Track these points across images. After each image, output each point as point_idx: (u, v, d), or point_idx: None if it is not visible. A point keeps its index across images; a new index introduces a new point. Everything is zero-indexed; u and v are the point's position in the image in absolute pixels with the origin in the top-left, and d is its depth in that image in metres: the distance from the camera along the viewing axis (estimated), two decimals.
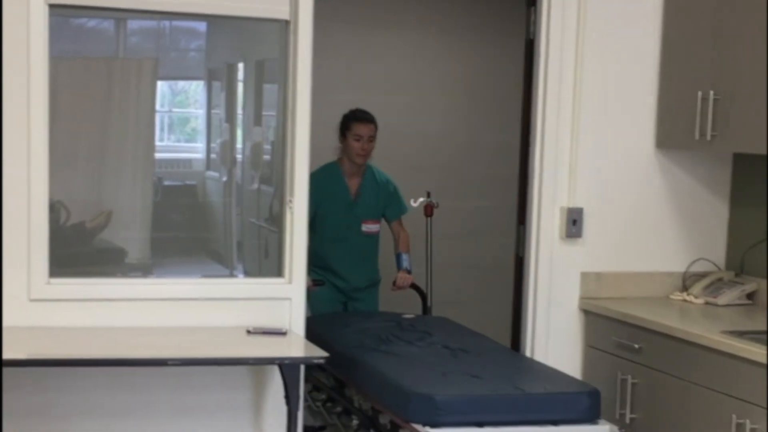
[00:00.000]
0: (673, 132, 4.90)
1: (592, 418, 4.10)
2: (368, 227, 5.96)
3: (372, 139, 5.86)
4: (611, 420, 4.36)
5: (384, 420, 4.44)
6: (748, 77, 4.48)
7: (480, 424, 3.99)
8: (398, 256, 6.01)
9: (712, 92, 4.61)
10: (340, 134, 5.94)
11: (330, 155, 7.28)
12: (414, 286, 6.00)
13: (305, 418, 5.16)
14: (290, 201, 4.73)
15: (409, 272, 5.96)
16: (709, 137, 4.62)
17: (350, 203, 5.93)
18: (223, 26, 7.10)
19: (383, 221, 6.13)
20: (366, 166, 5.97)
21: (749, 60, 4.47)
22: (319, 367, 5.07)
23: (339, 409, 5.06)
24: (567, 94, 4.90)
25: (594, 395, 4.11)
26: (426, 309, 6.03)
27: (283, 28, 4.82)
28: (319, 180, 5.55)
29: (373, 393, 4.52)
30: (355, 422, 4.82)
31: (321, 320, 5.58)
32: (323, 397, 5.27)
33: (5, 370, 4.18)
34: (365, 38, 7.49)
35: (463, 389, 4.16)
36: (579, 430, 4.08)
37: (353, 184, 5.95)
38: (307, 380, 5.13)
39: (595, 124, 4.93)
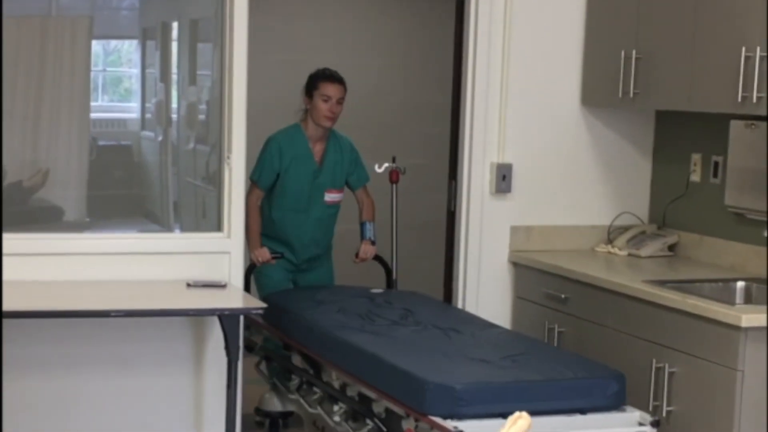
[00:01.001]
0: (598, 90, 5.07)
1: (618, 405, 3.78)
2: (331, 197, 5.32)
3: (341, 101, 5.20)
4: None
5: (378, 408, 4.07)
6: (669, 37, 4.66)
7: (503, 415, 3.39)
8: (362, 225, 5.42)
9: (634, 51, 4.78)
10: (306, 94, 5.27)
11: (268, 117, 7.34)
12: (378, 258, 5.48)
13: (272, 404, 5.22)
14: (228, 157, 4.83)
15: (373, 243, 5.40)
16: (631, 95, 4.80)
17: (315, 170, 5.27)
18: None
19: (346, 190, 5.60)
20: (329, 130, 5.33)
21: (671, 20, 4.65)
22: (289, 347, 4.84)
23: (318, 394, 4.62)
24: (496, 54, 5.05)
25: (620, 380, 3.80)
26: (391, 283, 5.51)
27: None
28: (282, 144, 5.22)
29: (370, 380, 4.07)
30: (340, 409, 4.37)
31: (285, 297, 5.12)
32: (296, 381, 4.88)
33: None
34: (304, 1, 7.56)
35: (481, 376, 3.77)
36: (608, 419, 3.74)
37: (317, 149, 5.29)
38: (273, 360, 5.09)
39: (523, 82, 5.09)
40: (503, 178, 5.09)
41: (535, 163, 5.14)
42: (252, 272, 5.29)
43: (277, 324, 4.95)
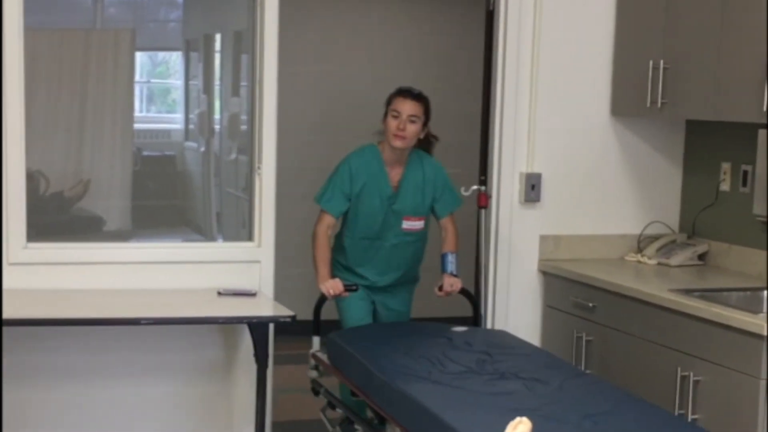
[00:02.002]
0: (627, 100, 5.08)
1: None
2: (410, 224, 4.84)
3: (414, 120, 4.68)
4: None
5: None
6: (696, 47, 4.66)
7: None
8: (444, 258, 4.90)
9: (662, 61, 4.79)
10: (385, 115, 4.79)
11: (302, 127, 7.41)
12: (464, 292, 4.92)
13: None
14: (259, 167, 4.90)
15: (455, 276, 4.84)
16: (659, 105, 4.81)
17: (390, 196, 4.79)
18: None
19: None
20: (413, 153, 4.82)
21: (698, 30, 4.65)
22: (355, 395, 4.31)
23: None
24: (525, 63, 5.07)
25: None
26: (478, 318, 5.07)
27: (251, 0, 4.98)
28: (354, 166, 4.78)
29: None
30: None
31: (352, 336, 4.60)
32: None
33: None
34: (334, 10, 7.61)
35: None
36: None
37: (394, 173, 4.81)
38: (338, 407, 4.64)
39: (552, 92, 5.10)
40: (532, 188, 5.11)
41: (565, 173, 5.15)
42: (321, 306, 4.81)
43: (341, 367, 4.48)
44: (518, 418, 2.58)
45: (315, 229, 4.76)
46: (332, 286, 4.69)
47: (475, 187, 5.22)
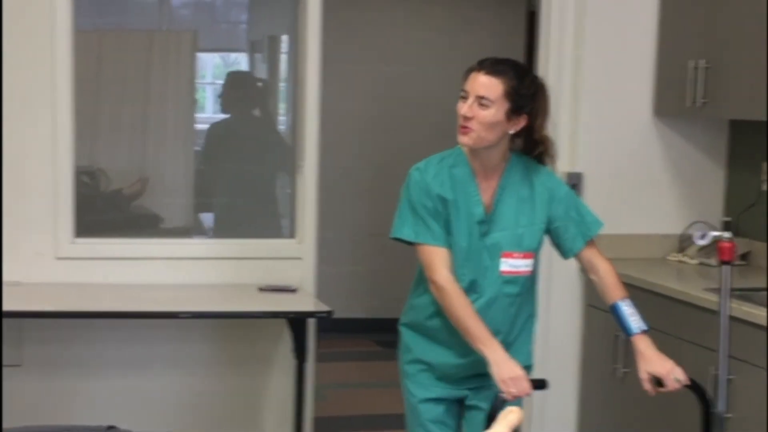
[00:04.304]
0: (669, 99, 5.06)
1: None
2: (513, 264, 3.34)
3: (486, 105, 3.20)
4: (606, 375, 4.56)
5: None
6: (738, 46, 4.63)
7: None
8: (616, 309, 3.42)
9: (703, 61, 4.77)
10: None
11: (348, 125, 7.46)
12: (694, 387, 3.43)
13: None
14: (301, 165, 4.99)
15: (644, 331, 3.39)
16: (701, 104, 4.79)
17: (480, 220, 3.32)
18: None
19: (543, 255, 3.58)
20: (513, 159, 3.37)
21: (740, 29, 4.62)
22: None
23: None
24: (567, 64, 5.08)
25: None
26: (709, 425, 3.42)
27: (295, 2, 5.08)
28: (429, 176, 3.34)
29: None
30: None
31: None
32: None
33: (28, 322, 4.53)
34: (381, 10, 7.67)
35: None
36: None
37: (487, 186, 3.35)
38: None
39: (594, 92, 5.10)
40: (573, 187, 5.12)
41: (606, 172, 5.15)
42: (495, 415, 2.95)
43: None
44: (509, 408, 2.61)
45: (435, 279, 3.28)
46: (517, 381, 3.16)
47: (713, 233, 4.70)
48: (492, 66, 3.27)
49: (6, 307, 4.38)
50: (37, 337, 4.71)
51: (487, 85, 3.22)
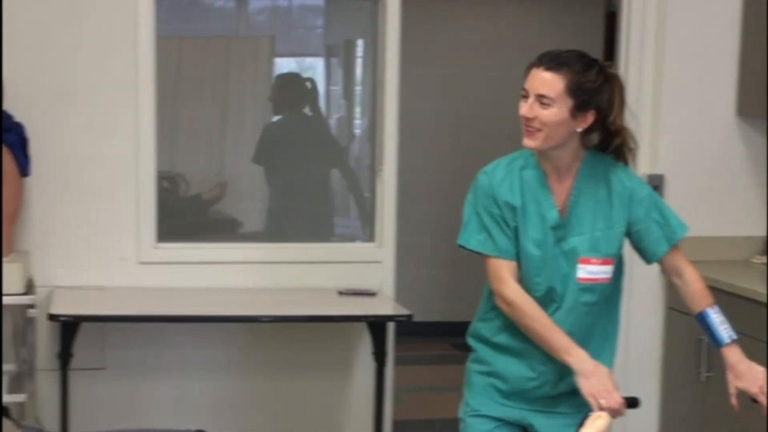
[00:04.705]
0: (752, 99, 4.98)
1: None
2: (591, 271, 3.11)
3: (547, 103, 2.97)
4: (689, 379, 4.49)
5: None
6: None
7: None
8: (703, 317, 3.18)
9: None
10: None
11: (436, 130, 7.46)
12: None
13: None
14: (380, 169, 4.99)
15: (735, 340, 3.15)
16: None
17: (555, 225, 3.10)
18: (341, 4, 7.37)
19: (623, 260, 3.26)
20: (588, 157, 3.13)
21: None
22: None
23: None
24: (649, 64, 5.02)
25: None
26: None
27: (375, 5, 5.08)
28: (495, 182, 3.12)
29: None
30: None
31: None
32: None
33: (111, 326, 4.60)
34: (459, 13, 7.66)
35: None
36: None
37: (561, 190, 3.13)
38: None
39: (676, 93, 5.03)
40: (655, 189, 5.05)
41: (689, 174, 5.08)
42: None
43: None
44: (596, 413, 2.58)
45: (502, 293, 3.08)
46: (608, 394, 2.94)
47: None
48: (551, 60, 3.00)
49: (90, 312, 4.45)
50: (120, 341, 4.76)
51: (547, 82, 2.98)
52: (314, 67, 8.99)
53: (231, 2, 6.99)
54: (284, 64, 8.30)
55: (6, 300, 4.28)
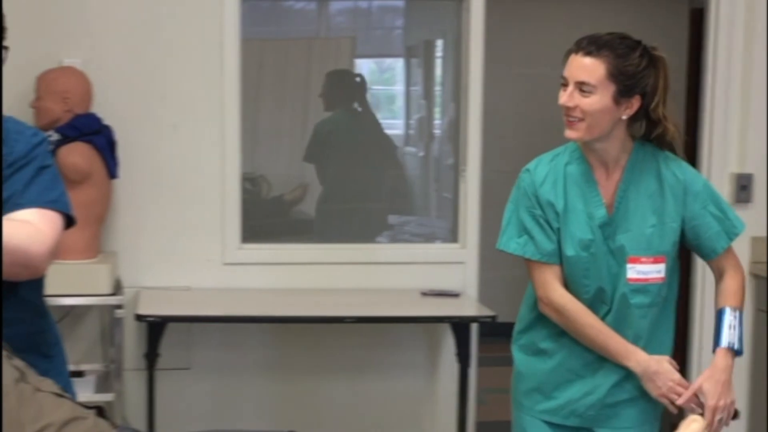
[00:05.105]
0: None
1: None
2: (641, 270, 2.90)
3: (589, 91, 2.79)
4: None
5: None
6: None
7: None
8: (718, 315, 2.95)
9: None
10: None
11: (518, 130, 7.42)
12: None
13: None
14: (463, 170, 4.98)
15: (736, 353, 2.92)
16: None
17: (603, 222, 2.90)
18: (421, 4, 7.37)
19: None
20: (638, 148, 2.92)
21: None
22: None
23: None
24: (737, 61, 4.93)
25: None
26: None
27: (459, 6, 5.07)
28: (539, 179, 2.95)
29: None
30: None
31: None
32: None
33: (197, 326, 4.64)
34: (541, 12, 7.61)
35: None
36: None
37: (609, 185, 2.93)
38: None
39: (765, 90, 4.96)
40: (743, 188, 4.98)
41: None
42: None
43: None
44: (692, 416, 2.54)
45: (550, 299, 2.92)
46: (676, 388, 2.87)
47: None
48: (591, 44, 2.81)
49: (175, 312, 4.49)
50: (205, 341, 4.80)
51: (586, 67, 2.79)
52: (393, 68, 9.01)
53: (311, 4, 7.00)
54: (364, 65, 8.32)
55: (94, 300, 4.35)
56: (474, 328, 4.74)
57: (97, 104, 4.48)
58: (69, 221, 2.43)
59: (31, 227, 2.27)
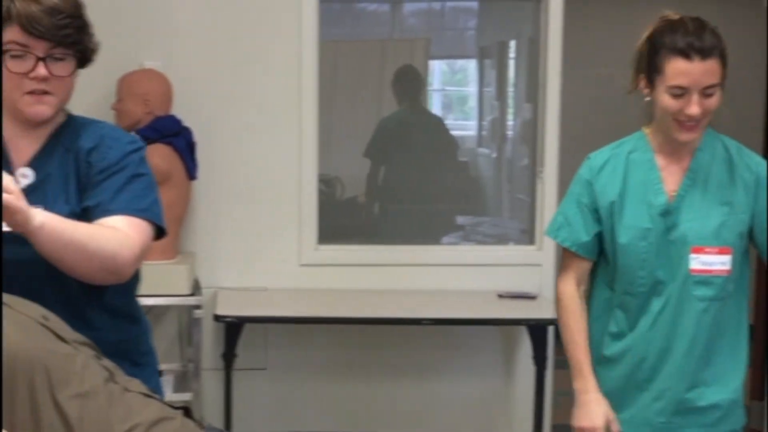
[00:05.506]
0: None
1: None
2: (705, 261, 2.75)
3: (710, 92, 2.66)
4: None
5: None
6: None
7: None
8: None
9: None
10: (646, 77, 2.77)
11: (593, 131, 7.36)
12: None
13: None
14: (541, 171, 4.95)
15: None
16: None
17: (663, 210, 2.78)
18: (495, 5, 7.35)
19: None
20: (706, 134, 2.80)
21: None
22: None
23: None
24: None
25: None
26: None
27: (537, 6, 5.05)
28: (596, 171, 2.85)
29: None
30: None
31: None
32: None
33: (273, 327, 4.66)
34: (619, 12, 7.55)
35: None
36: None
37: (673, 172, 2.80)
38: None
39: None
40: None
41: None
42: None
43: None
44: None
45: (558, 284, 2.94)
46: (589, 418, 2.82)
47: None
48: (701, 47, 2.65)
49: (252, 313, 4.52)
50: (281, 341, 4.82)
51: (710, 71, 2.65)
52: (465, 69, 9.00)
53: (384, 5, 7.01)
54: (435, 66, 8.33)
55: (173, 301, 4.39)
56: (551, 331, 4.71)
57: (177, 106, 4.52)
58: (160, 232, 2.43)
59: (120, 233, 2.26)
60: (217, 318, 4.39)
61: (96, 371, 2.03)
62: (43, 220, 2.11)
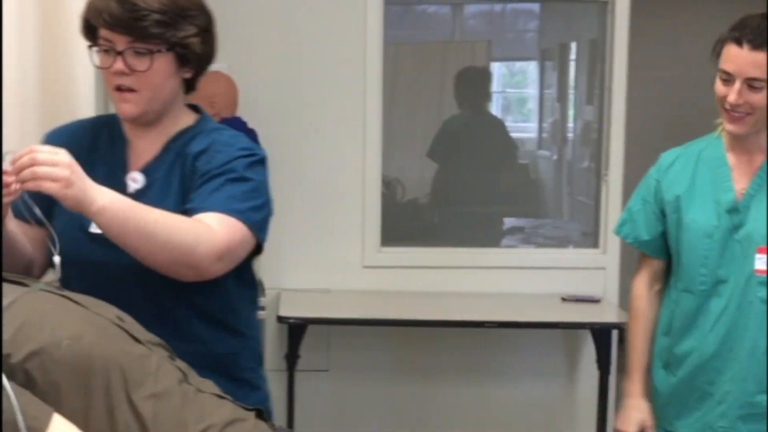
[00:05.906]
0: None
1: None
2: None
3: (759, 87, 2.58)
4: None
5: None
6: None
7: None
8: None
9: None
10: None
11: (658, 134, 7.30)
12: None
13: None
14: (605, 174, 4.92)
15: None
16: None
17: (729, 208, 2.72)
18: (556, 7, 7.31)
19: None
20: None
21: None
22: None
23: None
24: None
25: None
26: None
27: (602, 8, 5.03)
28: (664, 169, 2.83)
29: None
30: None
31: None
32: None
33: (335, 328, 4.67)
34: (683, 15, 7.50)
35: None
36: None
37: (746, 170, 2.75)
38: None
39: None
40: None
41: None
42: None
43: None
44: None
45: (632, 282, 2.93)
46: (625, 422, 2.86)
47: None
48: (756, 37, 2.60)
49: (315, 314, 4.53)
50: (343, 343, 4.83)
51: (757, 63, 2.58)
52: (524, 71, 8.96)
53: (445, 8, 7.00)
54: (495, 68, 8.30)
55: None
56: (614, 334, 4.68)
57: (243, 108, 4.55)
58: (258, 246, 2.28)
59: (202, 226, 2.09)
60: (281, 319, 4.41)
61: (170, 372, 2.04)
62: (104, 204, 1.98)
